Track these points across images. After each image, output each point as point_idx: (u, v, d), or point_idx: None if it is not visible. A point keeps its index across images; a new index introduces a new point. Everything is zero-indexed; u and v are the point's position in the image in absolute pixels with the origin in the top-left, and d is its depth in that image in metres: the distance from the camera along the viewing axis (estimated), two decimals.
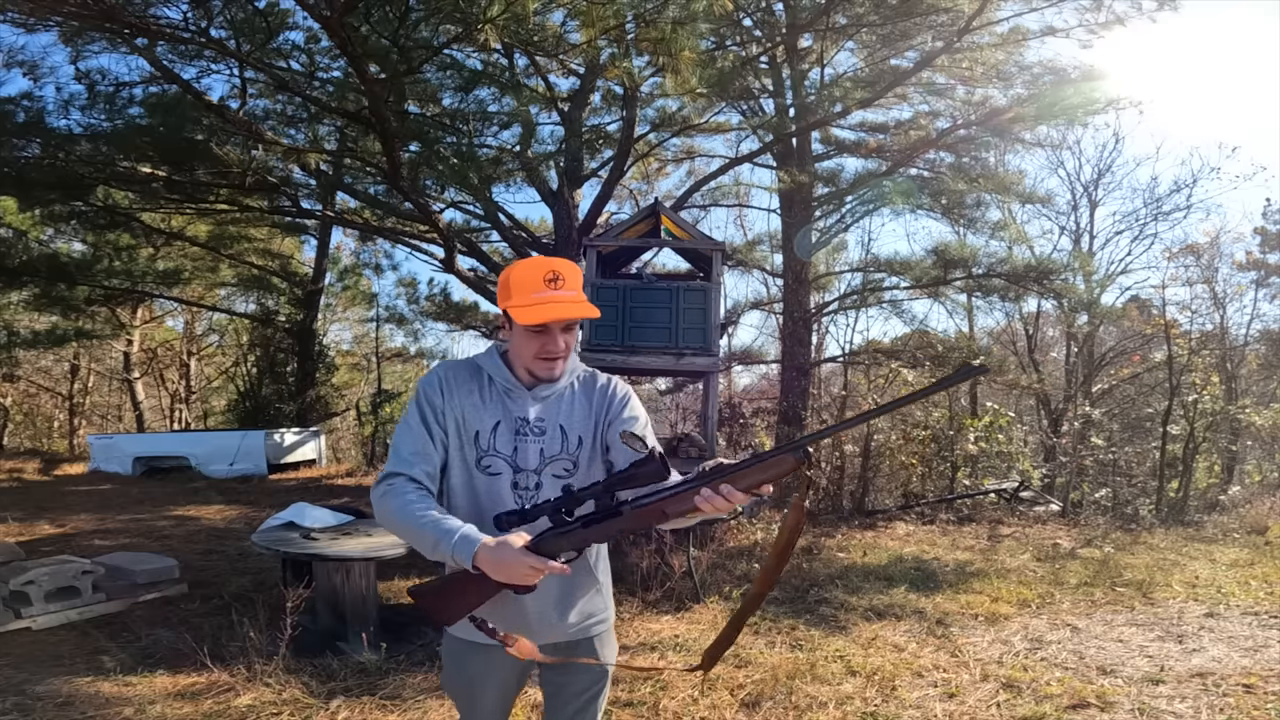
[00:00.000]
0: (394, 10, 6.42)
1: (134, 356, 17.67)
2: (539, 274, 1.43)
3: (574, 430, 1.55)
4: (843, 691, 3.38)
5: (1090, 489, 9.55)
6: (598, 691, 1.64)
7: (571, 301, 1.44)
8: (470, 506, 1.52)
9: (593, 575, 1.61)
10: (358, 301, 17.81)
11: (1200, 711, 3.20)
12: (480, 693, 1.60)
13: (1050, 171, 21.06)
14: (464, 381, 1.54)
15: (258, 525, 5.22)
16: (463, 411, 1.52)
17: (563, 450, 1.53)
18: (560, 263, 1.47)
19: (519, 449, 1.52)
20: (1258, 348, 13.96)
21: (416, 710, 3.14)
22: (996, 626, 4.44)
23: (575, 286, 1.45)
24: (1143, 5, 8.08)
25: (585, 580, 1.59)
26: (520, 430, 1.52)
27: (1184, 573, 5.82)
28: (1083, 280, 10.27)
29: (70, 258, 11.88)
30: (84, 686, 3.27)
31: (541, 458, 1.52)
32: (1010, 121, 9.32)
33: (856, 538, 7.04)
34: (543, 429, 1.53)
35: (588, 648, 1.61)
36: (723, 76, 8.54)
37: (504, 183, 11.06)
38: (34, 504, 8.33)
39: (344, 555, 3.87)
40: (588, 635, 1.61)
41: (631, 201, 15.05)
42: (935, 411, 10.01)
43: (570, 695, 1.62)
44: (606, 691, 1.68)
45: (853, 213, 11.24)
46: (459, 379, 1.54)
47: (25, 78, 8.83)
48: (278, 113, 9.81)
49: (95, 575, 4.41)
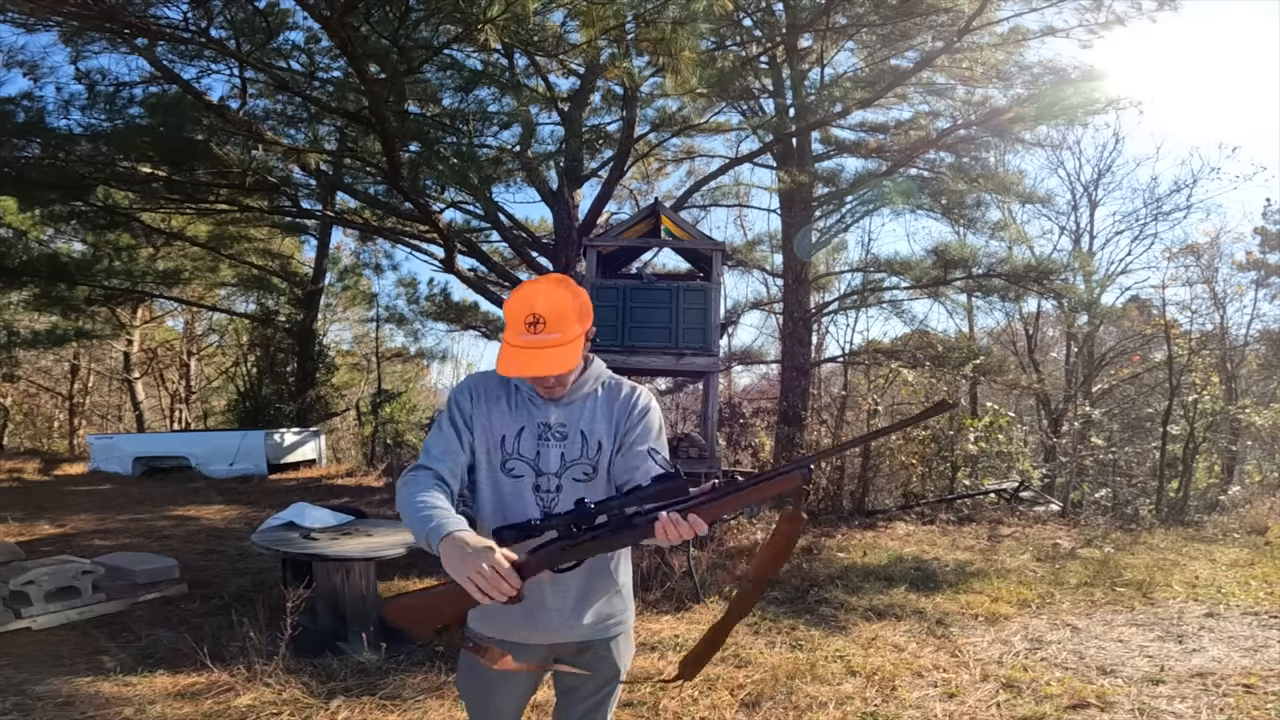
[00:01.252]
0: (394, 10, 6.42)
1: (134, 356, 17.67)
2: (521, 315, 1.42)
3: (594, 436, 1.58)
4: (843, 691, 3.38)
5: (1090, 489, 9.55)
6: (610, 692, 1.67)
7: (544, 349, 1.41)
8: (495, 506, 1.58)
9: (612, 578, 1.63)
10: (358, 301, 17.82)
11: (1200, 711, 3.20)
12: (494, 695, 1.63)
13: (1050, 171, 21.09)
14: (493, 390, 1.60)
15: (258, 525, 5.22)
16: (490, 418, 1.58)
17: (583, 455, 1.57)
18: (544, 301, 1.43)
19: (541, 453, 1.57)
20: (1258, 348, 13.97)
21: (416, 710, 3.14)
22: (996, 626, 4.44)
23: (558, 328, 1.42)
24: (1143, 5, 8.10)
25: (605, 583, 1.61)
26: (543, 435, 1.57)
27: (1184, 573, 5.82)
28: (1083, 280, 10.28)
29: (70, 258, 11.89)
30: (84, 686, 3.27)
31: (562, 461, 1.56)
32: (1010, 121, 9.33)
33: (856, 538, 7.04)
34: (564, 434, 1.58)
35: (603, 649, 1.63)
36: (723, 76, 8.54)
37: (504, 183, 11.08)
38: (34, 504, 8.33)
39: (344, 555, 3.87)
40: (604, 636, 1.63)
41: (631, 201, 15.06)
42: None
43: (583, 694, 1.65)
44: (618, 693, 1.71)
45: (853, 213, 11.25)
46: (489, 388, 1.60)
47: (25, 78, 8.86)
48: (278, 113, 9.82)
49: (95, 575, 4.41)
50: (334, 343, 18.87)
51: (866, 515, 8.25)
